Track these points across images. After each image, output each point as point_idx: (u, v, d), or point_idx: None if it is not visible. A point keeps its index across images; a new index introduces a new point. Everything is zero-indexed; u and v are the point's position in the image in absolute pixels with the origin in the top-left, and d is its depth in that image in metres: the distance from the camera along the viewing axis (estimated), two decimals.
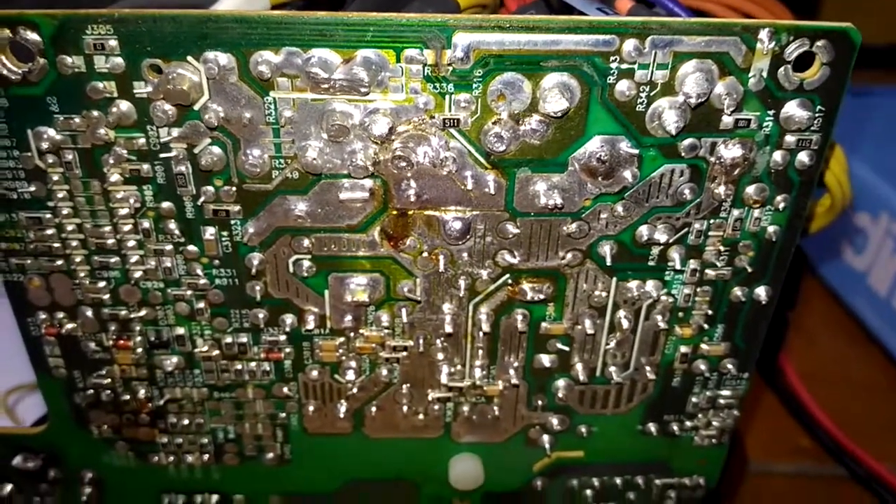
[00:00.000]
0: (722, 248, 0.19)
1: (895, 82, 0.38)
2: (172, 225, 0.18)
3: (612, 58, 0.16)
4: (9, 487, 0.22)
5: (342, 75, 0.16)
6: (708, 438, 0.22)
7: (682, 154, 0.18)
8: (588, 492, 0.23)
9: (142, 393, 0.21)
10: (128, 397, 0.21)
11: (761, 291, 0.20)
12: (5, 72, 0.16)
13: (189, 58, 0.16)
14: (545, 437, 0.22)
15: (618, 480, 0.23)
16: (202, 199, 0.18)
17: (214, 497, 0.23)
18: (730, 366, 0.21)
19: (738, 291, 0.20)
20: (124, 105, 0.16)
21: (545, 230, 0.18)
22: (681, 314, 0.20)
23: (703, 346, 0.21)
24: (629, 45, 0.16)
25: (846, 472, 0.34)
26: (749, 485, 0.32)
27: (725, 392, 0.22)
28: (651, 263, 0.19)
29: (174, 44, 0.16)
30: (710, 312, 0.20)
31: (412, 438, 0.22)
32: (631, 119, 0.17)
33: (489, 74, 0.16)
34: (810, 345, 0.38)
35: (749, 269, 0.19)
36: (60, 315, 0.19)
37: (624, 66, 0.16)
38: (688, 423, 0.22)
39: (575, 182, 0.18)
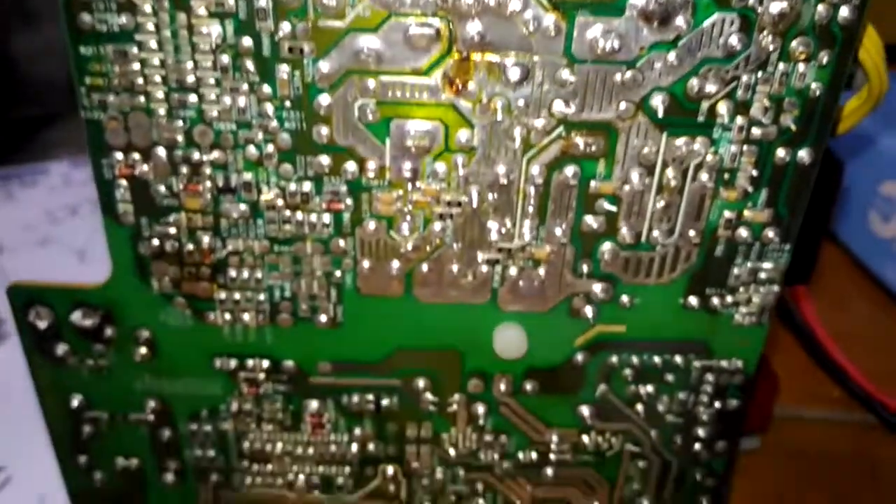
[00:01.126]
0: (768, 104, 0.20)
1: None
2: (249, 63, 0.19)
3: None
4: (64, 347, 0.23)
5: None
6: (748, 316, 0.23)
7: (733, 3, 0.19)
8: (627, 371, 0.24)
9: (205, 242, 0.21)
10: (191, 247, 0.22)
11: (804, 154, 0.20)
12: None
13: None
14: (588, 308, 0.23)
15: (657, 360, 0.24)
16: (280, 34, 0.19)
17: (265, 362, 0.24)
18: (771, 234, 0.22)
19: (781, 152, 0.20)
20: None
21: (600, 78, 0.19)
22: (726, 175, 0.21)
23: (747, 213, 0.21)
24: None
25: (876, 418, 0.34)
26: (778, 430, 0.32)
27: (767, 265, 0.22)
28: (700, 119, 0.20)
29: None
30: (754, 174, 0.21)
31: (460, 304, 0.23)
32: None
33: None
34: (838, 309, 0.39)
35: (793, 128, 0.20)
36: (135, 156, 0.20)
37: None
38: (729, 299, 0.23)
39: (632, 27, 0.19)
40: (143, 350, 0.23)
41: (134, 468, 0.25)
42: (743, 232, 0.22)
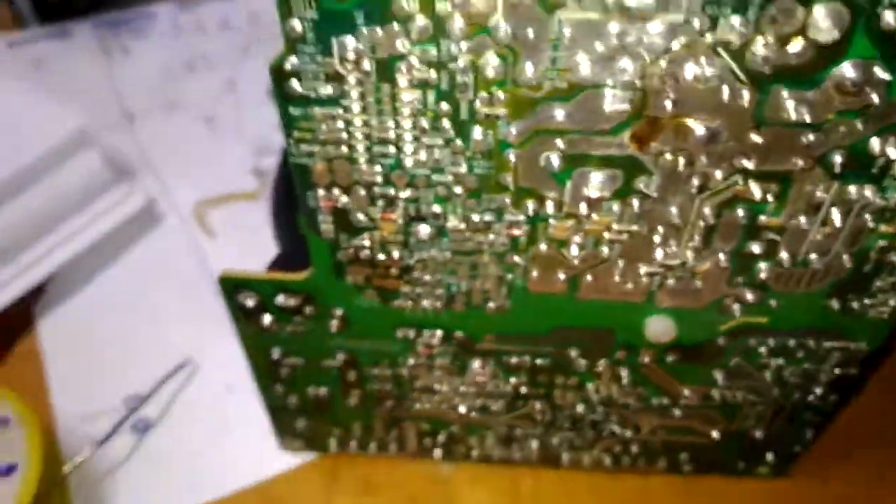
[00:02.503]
0: None
1: None
2: (447, 124, 0.20)
3: None
4: (269, 318, 0.27)
5: (634, 4, 0.17)
6: (882, 314, 0.25)
7: None
8: (763, 349, 0.27)
9: (395, 254, 0.24)
10: (383, 257, 0.24)
11: None
12: None
13: None
14: (736, 306, 0.25)
15: (791, 342, 0.26)
16: (477, 103, 0.20)
17: (439, 332, 0.27)
18: None
19: None
20: (423, 21, 0.18)
21: (784, 139, 0.20)
22: (888, 215, 0.22)
23: None
24: None
25: None
26: None
27: None
28: (874, 171, 0.21)
29: None
30: None
31: (618, 301, 0.25)
32: (890, 46, 0.18)
33: (767, 2, 0.17)
34: None
35: None
36: (337, 192, 0.22)
37: None
38: (867, 301, 0.25)
39: (823, 98, 0.19)
40: (337, 322, 0.27)
41: (322, 395, 0.30)
42: (894, 256, 0.23)
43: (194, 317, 0.38)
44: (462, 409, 0.30)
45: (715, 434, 0.31)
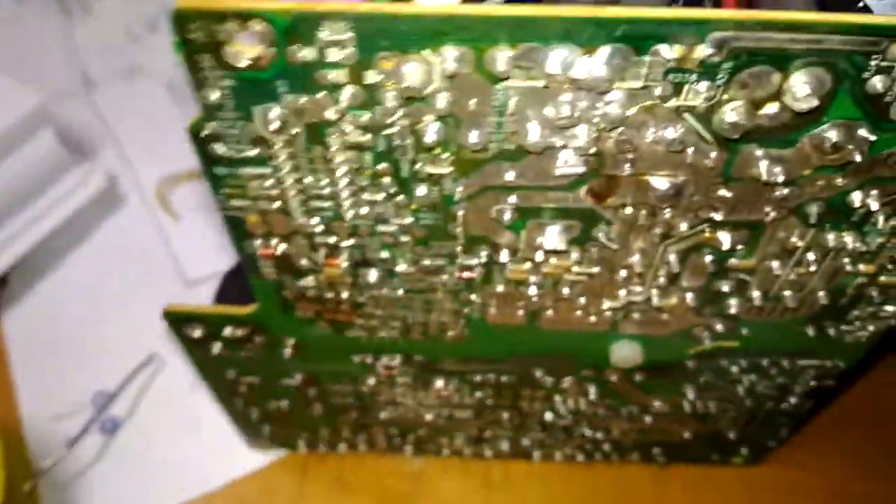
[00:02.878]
0: None
1: None
2: (387, 181, 0.19)
3: (874, 56, 0.15)
4: (219, 346, 0.26)
5: (584, 76, 0.15)
6: (860, 338, 0.24)
7: None
8: (734, 368, 0.26)
9: (344, 294, 0.23)
10: (332, 295, 0.23)
11: None
12: (233, 59, 0.16)
13: (424, 52, 0.15)
14: (706, 334, 0.24)
15: (764, 361, 0.25)
16: (419, 164, 0.18)
17: (398, 356, 0.26)
18: None
19: None
20: (353, 89, 0.16)
21: (756, 193, 0.18)
22: (868, 257, 0.20)
23: (882, 278, 0.21)
24: (891, 50, 0.15)
25: None
26: None
27: (890, 307, 0.22)
28: (854, 220, 0.19)
29: (411, 39, 0.15)
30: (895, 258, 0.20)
31: (580, 330, 0.24)
32: (875, 108, 0.16)
33: (738, 68, 0.15)
34: None
35: None
36: (275, 241, 0.21)
37: (884, 63, 0.15)
38: (844, 328, 0.23)
39: (799, 157, 0.17)
40: (290, 350, 0.26)
41: (284, 408, 0.29)
42: (873, 291, 0.22)
43: (159, 307, 0.37)
44: (429, 417, 0.30)
45: (687, 435, 0.30)
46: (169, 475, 0.33)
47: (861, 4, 0.16)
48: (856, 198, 0.18)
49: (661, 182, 0.18)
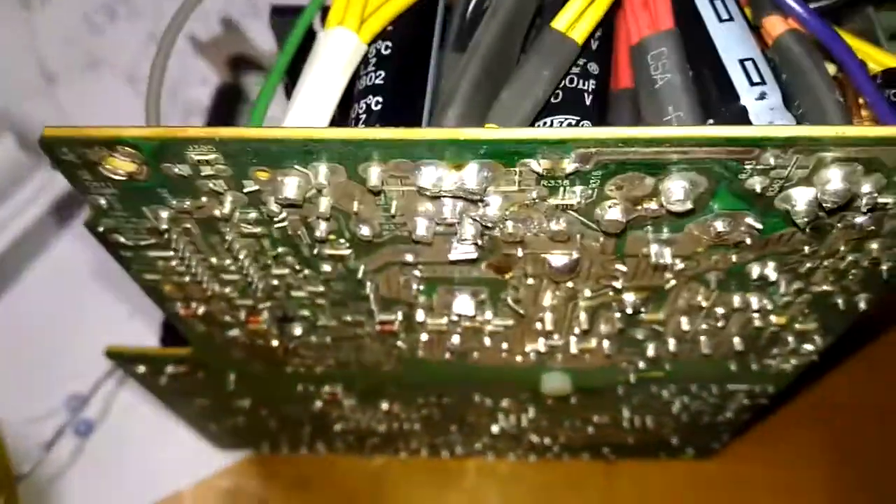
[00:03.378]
0: (831, 278, 0.19)
1: None
2: (291, 259, 0.19)
3: (748, 162, 0.15)
4: (165, 379, 0.26)
5: (453, 186, 0.15)
6: (785, 369, 0.24)
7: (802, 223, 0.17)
8: (665, 392, 0.26)
9: (274, 343, 0.23)
10: (262, 343, 0.23)
11: (863, 304, 0.20)
12: (109, 174, 0.16)
13: (296, 166, 0.15)
14: (631, 368, 0.24)
15: (693, 387, 0.26)
16: (317, 249, 0.18)
17: (339, 385, 0.27)
18: (818, 337, 0.22)
19: (838, 300, 0.20)
20: (234, 195, 0.16)
21: (653, 265, 0.19)
22: (780, 310, 0.21)
23: (797, 326, 0.21)
24: (769, 154, 0.15)
25: None
26: None
27: (809, 346, 0.23)
28: (757, 283, 0.19)
29: (280, 157, 0.15)
30: (806, 311, 0.20)
31: (509, 366, 0.24)
32: (758, 202, 0.16)
33: (608, 175, 0.15)
34: None
35: (855, 289, 0.19)
36: (194, 304, 0.21)
37: (759, 167, 0.15)
38: (767, 362, 0.24)
39: (690, 239, 0.17)
40: (233, 381, 0.26)
41: (241, 423, 0.31)
42: (789, 336, 0.22)
43: (125, 309, 0.38)
44: (381, 428, 0.31)
45: (631, 440, 0.31)
46: (141, 475, 0.35)
47: (740, 104, 0.16)
48: (754, 270, 0.18)
49: (557, 259, 0.18)
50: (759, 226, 0.17)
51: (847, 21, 0.21)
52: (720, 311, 0.20)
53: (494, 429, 0.30)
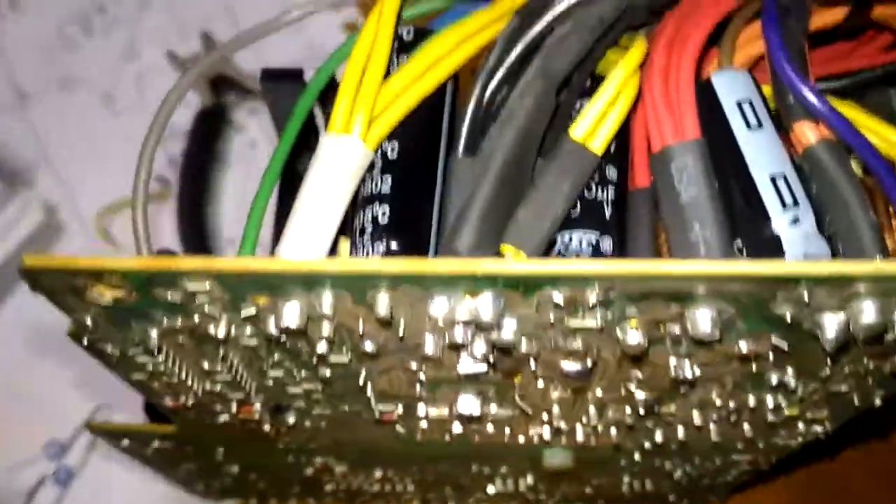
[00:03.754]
0: (851, 381, 0.18)
1: None
2: (288, 364, 0.18)
3: (779, 293, 0.14)
4: (151, 449, 0.25)
5: (466, 316, 0.14)
6: (789, 444, 0.24)
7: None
8: (667, 464, 0.26)
9: (266, 427, 0.22)
10: (254, 426, 0.22)
11: (877, 398, 0.19)
12: (96, 300, 0.15)
13: (297, 296, 0.14)
14: (636, 448, 0.24)
15: (696, 459, 0.25)
16: (316, 359, 0.17)
17: (331, 456, 0.26)
18: (827, 423, 0.21)
19: (854, 396, 0.19)
20: (230, 316, 0.15)
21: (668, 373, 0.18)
22: (793, 405, 0.20)
23: (808, 414, 0.21)
24: (803, 289, 0.14)
25: None
26: None
27: (818, 428, 0.22)
28: (772, 387, 0.18)
29: (279, 286, 0.14)
30: (820, 404, 0.20)
31: (511, 445, 0.24)
32: (786, 325, 0.15)
33: (631, 302, 0.14)
34: None
35: (872, 387, 0.19)
36: (183, 398, 0.20)
37: (791, 298, 0.14)
38: (772, 440, 0.23)
39: (712, 356, 0.17)
40: (221, 454, 0.25)
41: (228, 483, 0.30)
42: (799, 422, 0.21)
43: None
44: (374, 489, 0.30)
45: (628, 496, 0.31)
46: None
47: (773, 231, 0.15)
48: (773, 377, 0.18)
49: (570, 365, 0.17)
50: (785, 346, 0.16)
51: (866, 97, 0.21)
52: (732, 405, 0.20)
53: (490, 490, 0.29)
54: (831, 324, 0.15)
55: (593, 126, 0.15)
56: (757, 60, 0.17)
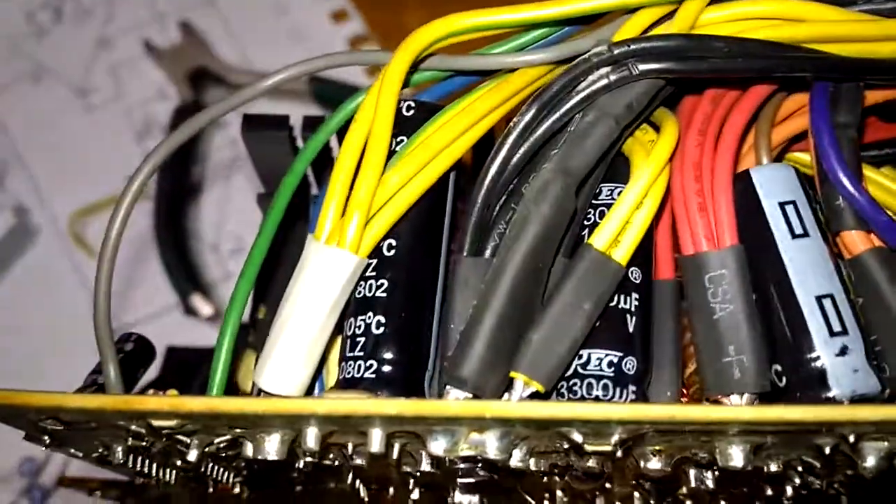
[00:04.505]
0: None
1: None
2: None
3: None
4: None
5: (470, 451, 0.13)
6: None
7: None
8: None
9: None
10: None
11: None
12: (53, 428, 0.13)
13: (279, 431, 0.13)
14: None
15: None
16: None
17: None
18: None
19: None
20: (203, 439, 0.13)
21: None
22: None
23: None
24: (847, 429, 0.12)
25: None
26: None
27: None
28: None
29: (260, 421, 0.12)
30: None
31: None
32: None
33: (657, 434, 0.13)
34: None
35: None
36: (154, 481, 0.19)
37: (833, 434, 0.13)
38: None
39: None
40: None
41: None
42: None
43: (77, 357, 0.35)
44: None
45: None
46: None
47: (818, 364, 0.13)
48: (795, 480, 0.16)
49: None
50: (818, 465, 0.14)
51: None
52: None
53: None
54: (872, 454, 0.13)
55: (616, 233, 0.13)
56: (797, 136, 0.16)
